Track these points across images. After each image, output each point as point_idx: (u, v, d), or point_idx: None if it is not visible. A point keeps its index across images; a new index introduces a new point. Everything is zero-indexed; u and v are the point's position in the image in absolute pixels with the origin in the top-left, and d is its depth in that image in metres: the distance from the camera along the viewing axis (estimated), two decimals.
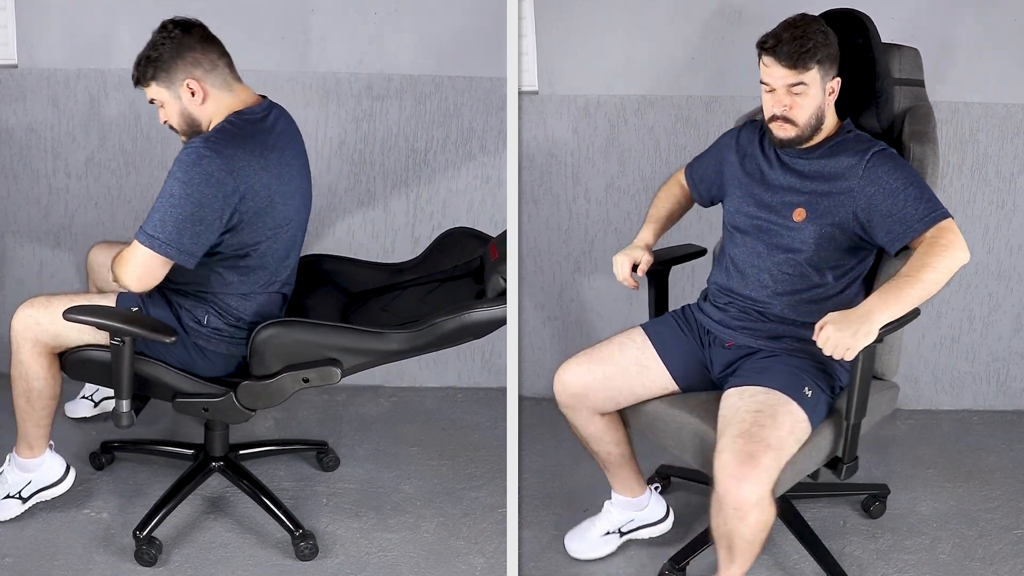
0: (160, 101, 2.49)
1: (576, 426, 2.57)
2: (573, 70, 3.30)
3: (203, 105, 2.48)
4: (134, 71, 2.48)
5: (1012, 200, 3.28)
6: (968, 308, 3.39)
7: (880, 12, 3.15)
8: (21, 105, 3.31)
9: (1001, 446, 3.26)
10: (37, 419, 2.60)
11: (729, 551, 2.26)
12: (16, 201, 3.40)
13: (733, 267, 2.48)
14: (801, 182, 2.38)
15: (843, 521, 2.83)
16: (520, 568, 2.55)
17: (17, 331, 2.53)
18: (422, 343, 2.53)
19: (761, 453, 2.15)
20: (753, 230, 2.44)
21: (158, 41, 2.45)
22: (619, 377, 2.48)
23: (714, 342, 2.48)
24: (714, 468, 2.19)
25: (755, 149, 2.49)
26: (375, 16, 3.25)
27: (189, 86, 2.46)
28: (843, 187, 2.32)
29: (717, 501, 2.21)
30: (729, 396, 2.32)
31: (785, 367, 2.34)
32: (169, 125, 2.53)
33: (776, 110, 2.33)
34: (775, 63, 2.29)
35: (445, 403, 3.49)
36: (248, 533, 2.76)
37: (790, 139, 2.36)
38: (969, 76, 3.18)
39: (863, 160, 2.31)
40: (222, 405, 2.54)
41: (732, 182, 2.52)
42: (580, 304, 3.48)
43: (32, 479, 2.68)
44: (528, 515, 2.87)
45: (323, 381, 2.53)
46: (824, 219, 2.34)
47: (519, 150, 3.29)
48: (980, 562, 2.70)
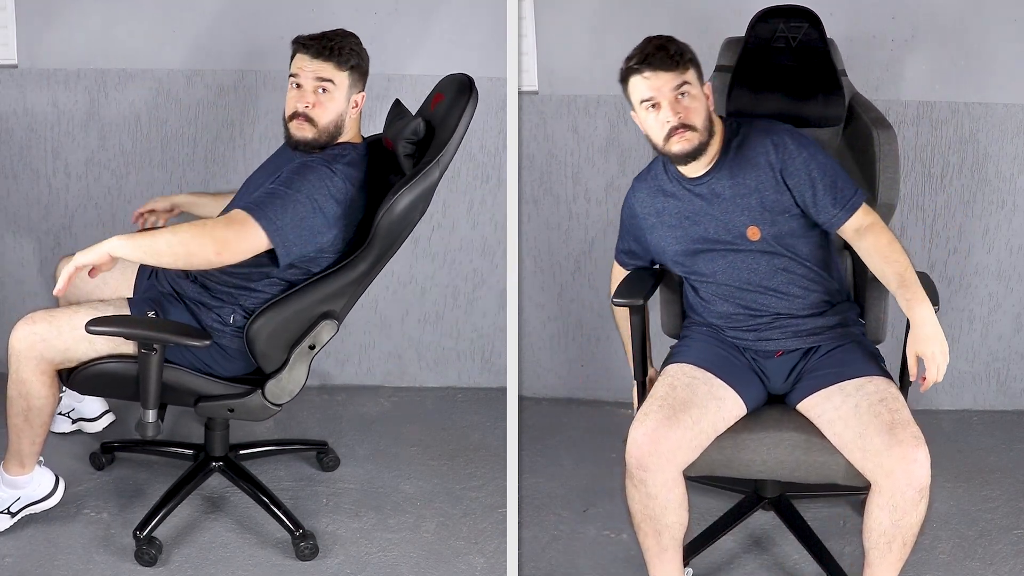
0: (334, 88, 2.48)
1: (652, 495, 2.23)
2: (573, 70, 3.30)
3: (351, 121, 2.53)
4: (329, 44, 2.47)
5: (1012, 200, 3.28)
6: (968, 308, 3.39)
7: (880, 12, 3.16)
8: (21, 105, 3.31)
9: (1001, 446, 3.26)
10: (33, 437, 2.51)
11: (902, 546, 2.20)
12: (16, 201, 3.40)
13: (730, 294, 2.40)
14: (733, 202, 2.36)
15: (843, 521, 2.83)
16: (520, 568, 2.55)
17: (19, 349, 2.42)
18: (380, 249, 2.49)
19: (919, 434, 2.15)
20: (723, 259, 2.39)
21: (360, 44, 2.54)
22: (704, 419, 2.25)
23: (758, 356, 2.40)
24: (878, 468, 2.14)
25: (671, 195, 2.42)
26: (375, 16, 3.25)
27: (358, 100, 2.54)
28: (773, 184, 2.33)
29: (890, 498, 2.14)
30: (831, 397, 2.26)
31: (858, 353, 2.35)
32: (306, 115, 2.47)
33: (672, 120, 2.28)
34: (655, 72, 2.27)
35: (445, 403, 3.49)
36: (248, 533, 2.76)
37: (694, 147, 2.30)
38: (969, 76, 3.18)
39: (775, 152, 2.33)
40: (249, 404, 2.53)
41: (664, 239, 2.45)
42: (580, 304, 3.48)
43: (21, 495, 2.61)
44: (528, 515, 2.87)
45: (328, 337, 2.53)
46: (776, 223, 2.35)
47: (519, 150, 3.29)
48: (980, 562, 2.70)
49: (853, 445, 2.20)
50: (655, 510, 2.26)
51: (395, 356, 3.56)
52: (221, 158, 3.37)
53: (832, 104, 2.59)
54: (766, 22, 2.63)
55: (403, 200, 2.46)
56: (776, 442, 2.28)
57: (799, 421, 2.31)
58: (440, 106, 2.60)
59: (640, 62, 2.29)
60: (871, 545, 2.22)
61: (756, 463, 2.29)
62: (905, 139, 3.23)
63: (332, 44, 2.48)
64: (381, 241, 2.49)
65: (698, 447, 2.25)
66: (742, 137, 2.38)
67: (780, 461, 2.28)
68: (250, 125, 3.34)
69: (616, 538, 2.77)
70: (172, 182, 3.38)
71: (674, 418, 2.22)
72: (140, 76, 3.30)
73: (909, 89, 3.19)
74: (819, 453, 2.25)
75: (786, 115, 2.58)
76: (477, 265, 3.47)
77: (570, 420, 3.42)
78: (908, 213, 3.29)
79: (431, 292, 3.50)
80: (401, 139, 2.54)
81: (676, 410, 2.23)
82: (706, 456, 2.27)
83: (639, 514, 2.28)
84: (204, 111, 3.34)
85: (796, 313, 2.38)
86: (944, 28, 3.14)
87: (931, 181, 3.28)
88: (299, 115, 2.48)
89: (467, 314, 3.51)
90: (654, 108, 2.30)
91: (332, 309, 2.53)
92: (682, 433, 2.21)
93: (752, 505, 2.67)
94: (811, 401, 2.30)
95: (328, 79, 2.48)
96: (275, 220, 2.36)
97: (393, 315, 3.52)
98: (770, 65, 2.62)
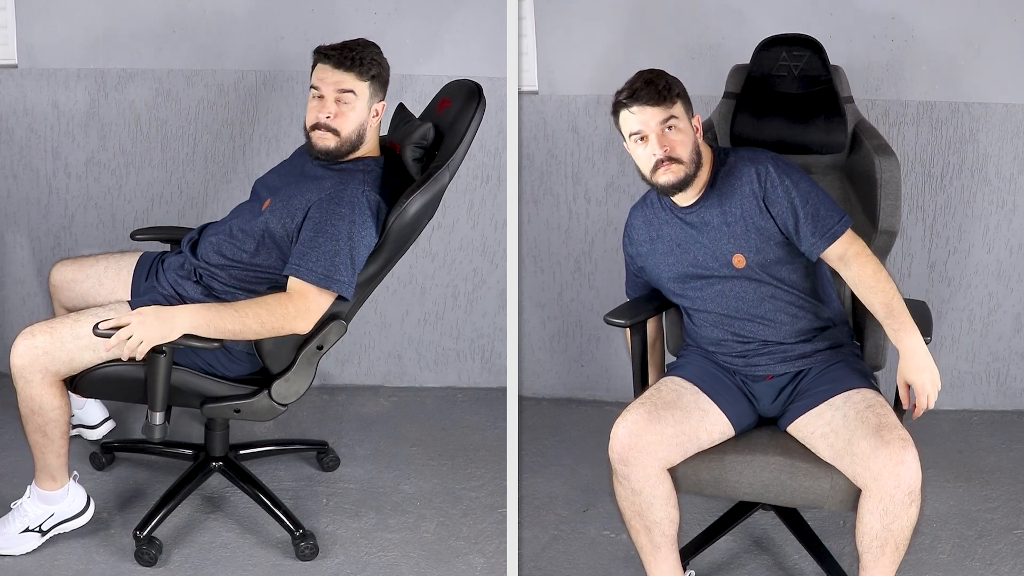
0: (355, 99, 2.50)
1: (636, 490, 2.27)
2: (573, 70, 3.30)
3: (371, 130, 2.54)
4: (351, 55, 2.48)
5: (1012, 200, 3.28)
6: (968, 308, 3.39)
7: (881, 12, 3.16)
8: (21, 105, 3.31)
9: (1001, 446, 3.26)
10: (57, 449, 2.49)
11: (894, 549, 2.21)
12: (16, 201, 3.40)
13: (720, 320, 2.42)
14: (720, 231, 2.38)
15: (843, 521, 2.83)
16: (520, 568, 2.55)
17: (22, 366, 2.39)
18: (390, 252, 2.52)
19: (907, 436, 2.17)
20: (710, 287, 2.41)
21: (380, 53, 2.53)
22: (686, 422, 2.29)
23: (747, 379, 2.42)
24: (867, 472, 2.15)
25: (665, 222, 2.46)
26: (375, 16, 3.25)
27: (378, 109, 2.54)
28: (758, 211, 2.36)
29: (879, 502, 2.15)
30: (822, 414, 2.28)
31: (847, 369, 2.36)
32: (326, 124, 2.49)
33: (659, 153, 2.33)
34: (642, 107, 2.33)
35: (445, 403, 3.49)
36: (248, 533, 2.76)
37: (680, 179, 2.34)
38: (969, 76, 3.18)
39: (758, 182, 2.36)
40: (256, 405, 2.54)
41: (657, 266, 2.48)
42: (580, 304, 3.48)
43: (55, 511, 2.58)
44: (528, 515, 2.87)
45: (336, 338, 2.54)
46: (761, 251, 2.36)
47: (519, 150, 3.29)
48: (980, 562, 2.70)
49: (844, 452, 2.21)
50: (641, 506, 2.28)
51: (395, 356, 3.56)
52: (221, 158, 3.37)
53: (834, 131, 2.62)
54: (769, 50, 2.68)
55: (415, 204, 2.48)
56: (763, 466, 2.29)
57: (786, 445, 2.32)
58: (448, 111, 2.61)
59: (628, 97, 2.34)
60: (864, 549, 2.23)
61: (743, 485, 2.31)
62: (905, 139, 3.24)
63: (353, 55, 2.48)
64: (391, 245, 2.51)
65: (680, 446, 2.27)
66: (729, 166, 2.41)
67: (765, 484, 2.29)
68: (250, 125, 3.34)
69: (616, 538, 2.77)
70: (172, 182, 3.38)
71: (655, 414, 2.26)
72: (140, 76, 3.30)
73: (909, 89, 3.20)
74: (803, 477, 2.26)
75: (788, 142, 2.65)
76: (477, 265, 3.47)
77: (570, 420, 3.42)
78: (908, 213, 3.29)
79: (431, 292, 3.50)
80: (409, 144, 2.56)
81: (658, 407, 2.28)
82: (693, 475, 2.30)
83: (627, 511, 2.32)
84: (204, 111, 3.34)
85: (784, 340, 2.40)
86: (944, 28, 3.14)
87: (931, 181, 3.28)
88: (321, 126, 2.50)
89: (467, 314, 3.51)
90: (642, 141, 2.35)
91: (340, 310, 2.53)
92: (662, 428, 2.25)
93: (752, 505, 2.67)
94: (802, 421, 2.32)
95: (349, 89, 2.49)
96: (332, 276, 2.40)
97: (393, 315, 3.52)
98: (773, 93, 2.68)
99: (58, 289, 2.75)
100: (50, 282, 2.77)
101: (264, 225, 2.50)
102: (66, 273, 2.74)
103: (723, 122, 2.73)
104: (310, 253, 2.41)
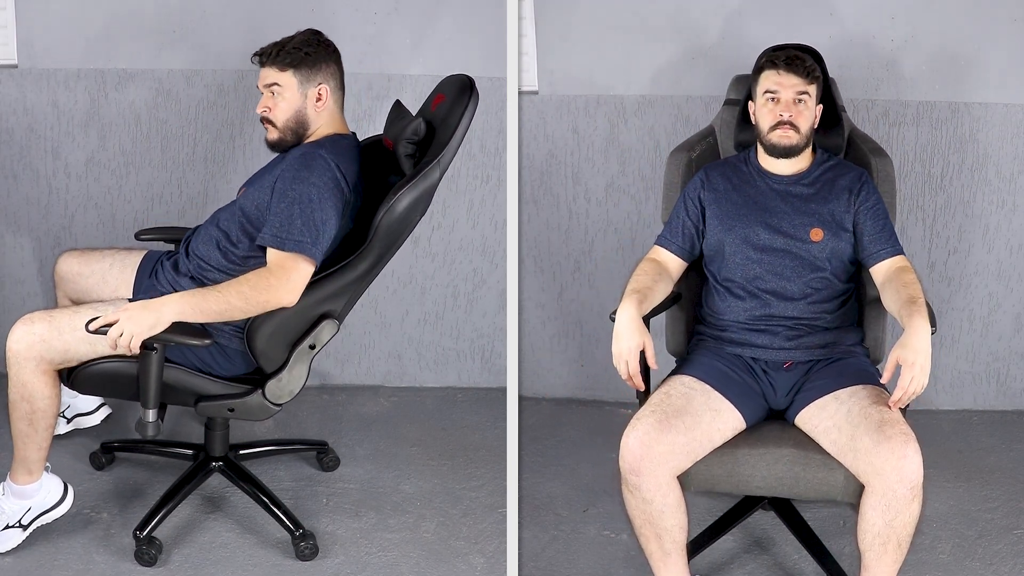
0: (281, 89, 2.54)
1: (647, 499, 2.27)
2: (573, 70, 3.30)
3: (319, 113, 2.57)
4: (270, 50, 2.55)
5: (1012, 200, 3.29)
6: (968, 308, 3.39)
7: (881, 12, 3.16)
8: (21, 105, 3.31)
9: (1001, 446, 3.26)
10: (39, 442, 2.48)
11: (897, 547, 2.21)
12: (16, 201, 3.40)
13: (761, 293, 2.46)
14: (806, 205, 2.49)
15: (843, 521, 2.83)
16: (520, 568, 2.55)
17: (17, 351, 2.40)
18: (381, 248, 2.52)
19: (909, 431, 2.18)
20: (773, 253, 2.47)
21: (311, 40, 2.58)
22: (697, 428, 2.28)
23: (768, 367, 2.43)
24: (869, 467, 2.16)
25: (747, 180, 2.55)
26: (375, 16, 3.25)
27: (320, 92, 2.56)
28: (845, 206, 2.49)
29: (882, 498, 2.16)
30: (826, 407, 2.30)
31: (857, 366, 2.42)
32: (265, 117, 2.57)
33: (784, 115, 2.47)
34: (789, 72, 2.47)
35: (445, 403, 3.49)
36: (248, 533, 2.76)
37: (792, 145, 2.49)
38: (969, 76, 3.18)
39: (858, 183, 2.51)
40: (250, 404, 2.54)
41: (728, 215, 2.52)
42: (580, 304, 3.48)
43: (32, 505, 2.57)
44: (528, 515, 2.87)
45: (328, 337, 2.54)
46: (837, 236, 2.46)
47: (519, 150, 3.30)
48: (980, 562, 2.70)
49: (847, 447, 2.22)
50: (652, 515, 2.28)
51: (395, 356, 3.56)
52: (221, 158, 3.37)
53: (831, 137, 2.69)
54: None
55: (404, 200, 2.47)
56: (776, 459, 2.29)
57: (798, 438, 2.32)
58: (441, 107, 2.61)
59: (782, 60, 2.49)
60: (866, 547, 2.23)
61: (755, 479, 2.30)
62: (905, 139, 3.24)
63: (272, 50, 2.56)
64: (381, 241, 2.49)
65: (691, 453, 2.26)
66: (835, 162, 2.57)
67: (779, 478, 2.29)
68: (250, 125, 3.34)
69: (616, 538, 2.77)
70: (172, 182, 3.38)
71: (666, 423, 2.24)
72: (140, 76, 3.30)
73: (909, 89, 3.20)
74: (817, 469, 2.26)
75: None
76: (477, 265, 3.47)
77: (570, 420, 3.42)
78: (908, 213, 3.29)
79: (431, 292, 3.50)
80: (402, 139, 2.55)
81: (668, 415, 2.26)
82: (706, 471, 2.29)
83: (638, 519, 2.31)
84: (204, 111, 3.34)
85: (813, 325, 2.45)
86: (944, 28, 3.14)
87: (931, 181, 3.28)
88: (263, 120, 2.59)
89: (467, 314, 3.51)
90: (773, 101, 2.49)
91: (332, 309, 2.53)
92: (674, 437, 2.23)
93: (752, 505, 2.67)
94: (808, 412, 2.33)
95: (273, 83, 2.56)
96: (305, 240, 2.40)
97: (393, 315, 3.52)
98: None
99: (63, 280, 2.78)
100: (55, 271, 2.80)
101: (240, 208, 2.54)
102: (72, 265, 2.77)
103: (725, 128, 2.77)
104: (272, 220, 2.43)
